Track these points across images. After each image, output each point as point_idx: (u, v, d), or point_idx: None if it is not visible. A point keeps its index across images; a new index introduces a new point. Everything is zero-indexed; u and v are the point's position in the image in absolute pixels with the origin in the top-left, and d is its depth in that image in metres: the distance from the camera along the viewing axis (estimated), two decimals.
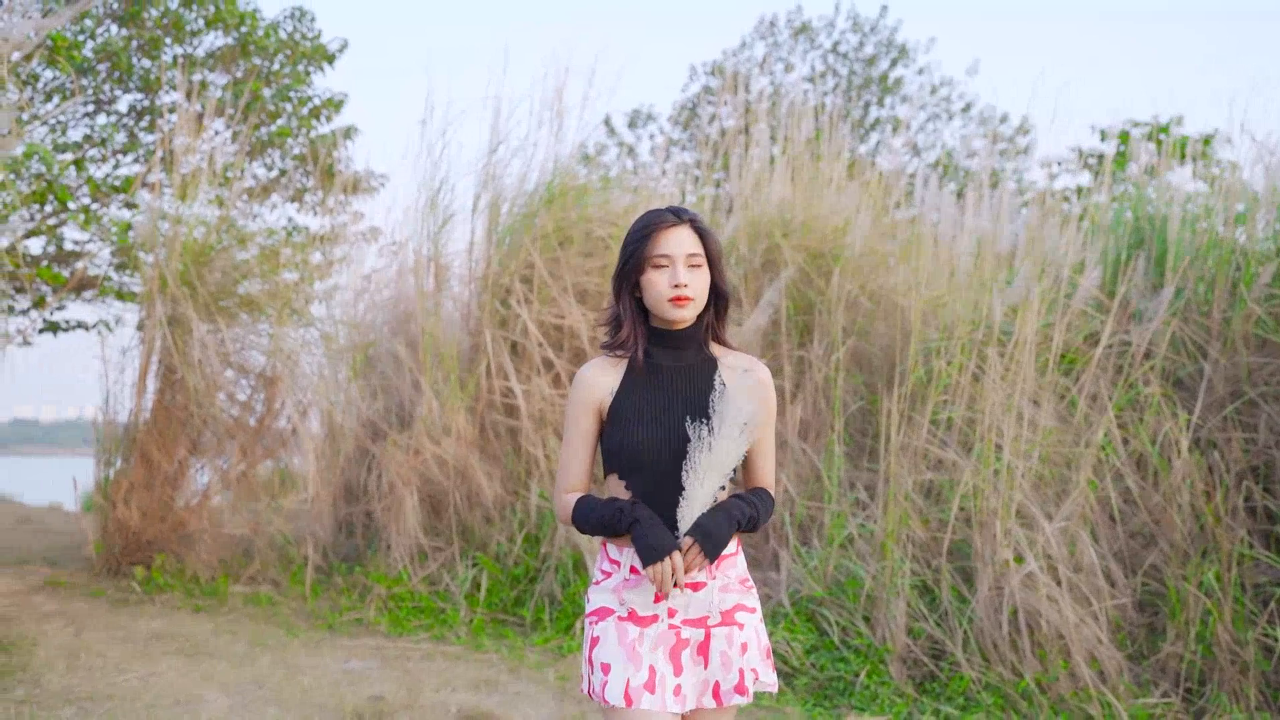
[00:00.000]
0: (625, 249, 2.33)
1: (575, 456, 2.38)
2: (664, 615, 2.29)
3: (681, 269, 2.26)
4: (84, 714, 4.28)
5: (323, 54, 12.45)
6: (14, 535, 9.13)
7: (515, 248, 7.17)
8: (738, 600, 2.33)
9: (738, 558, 2.36)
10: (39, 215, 11.43)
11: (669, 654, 2.28)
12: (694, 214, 2.35)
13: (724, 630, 2.30)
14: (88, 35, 10.81)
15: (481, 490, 6.63)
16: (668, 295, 2.27)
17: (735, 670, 2.28)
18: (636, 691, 2.24)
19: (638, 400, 2.32)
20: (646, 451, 2.28)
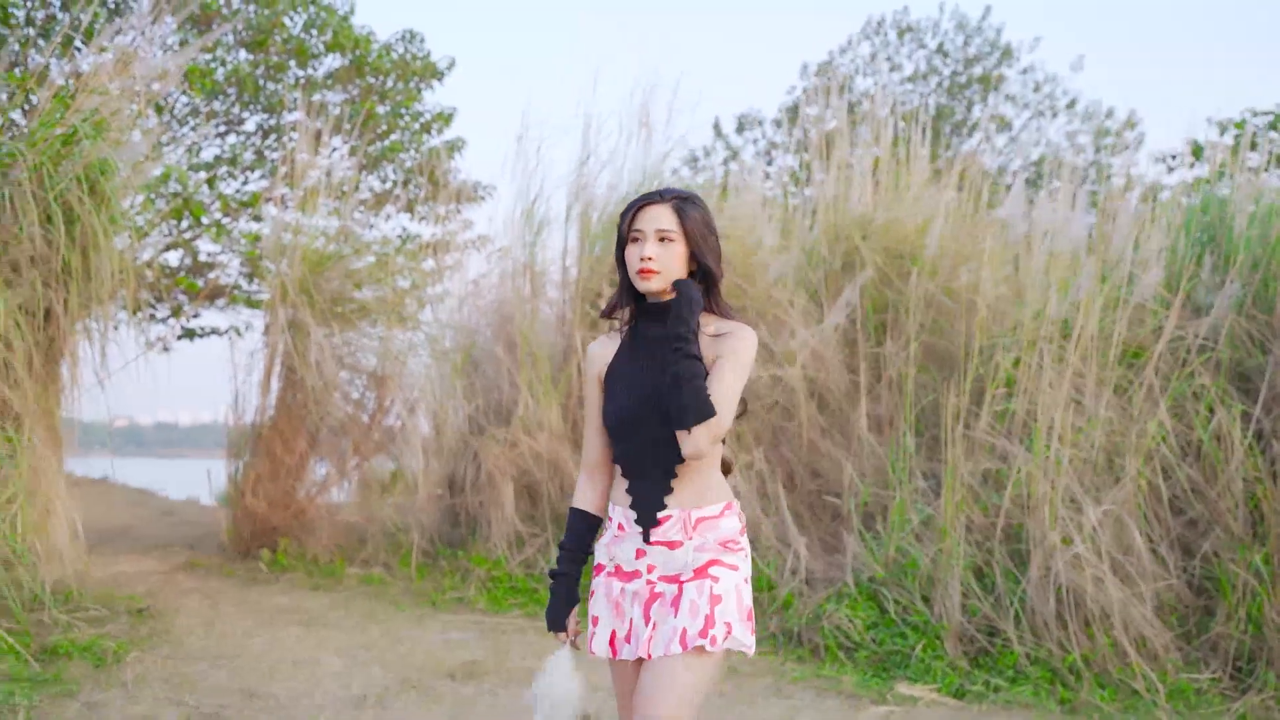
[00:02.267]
0: (618, 227, 2.48)
1: (590, 431, 2.57)
2: (644, 571, 2.43)
3: (649, 243, 2.38)
4: (215, 668, 4.90)
5: (432, 71, 13.15)
6: (158, 525, 10.00)
7: (604, 254, 7.65)
8: (714, 557, 2.40)
9: (720, 520, 2.42)
10: (176, 230, 12.34)
11: (643, 607, 2.41)
12: (682, 194, 2.45)
13: (696, 582, 2.37)
14: (219, 63, 11.62)
15: (572, 480, 7.13)
16: (636, 267, 2.39)
17: (702, 617, 2.34)
18: (619, 643, 2.42)
19: (621, 370, 2.48)
20: (622, 419, 2.44)
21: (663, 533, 2.40)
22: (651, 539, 2.40)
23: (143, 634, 5.44)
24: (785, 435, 7.40)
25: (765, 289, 7.66)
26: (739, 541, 2.45)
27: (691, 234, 2.40)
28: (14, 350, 5.54)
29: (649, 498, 2.41)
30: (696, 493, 2.41)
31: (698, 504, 2.41)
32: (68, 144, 5.84)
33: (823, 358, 7.38)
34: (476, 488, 7.42)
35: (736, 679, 5.14)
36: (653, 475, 2.41)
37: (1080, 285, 6.26)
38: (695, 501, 2.41)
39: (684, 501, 2.41)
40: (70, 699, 4.32)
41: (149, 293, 13.64)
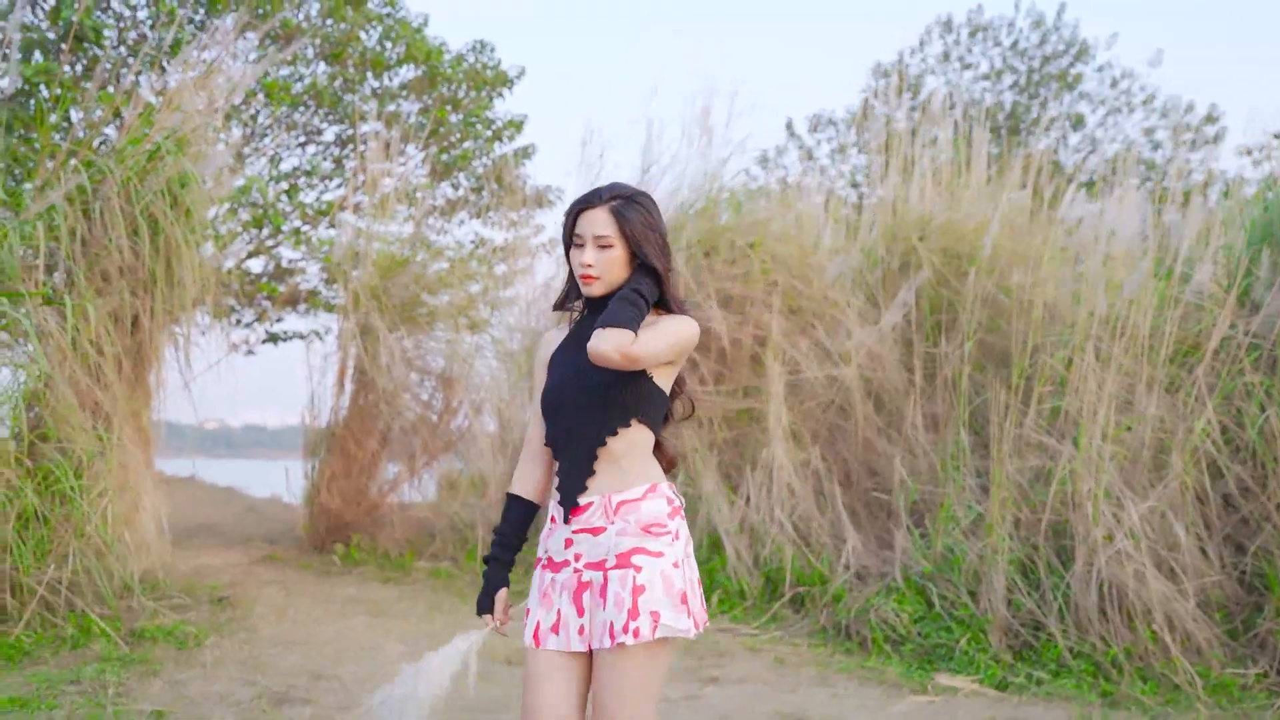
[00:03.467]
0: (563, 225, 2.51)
1: (532, 416, 2.58)
2: (572, 560, 2.41)
3: (589, 250, 2.40)
4: (287, 652, 5.20)
5: (503, 80, 13.46)
6: (242, 521, 10.44)
7: None
8: (636, 544, 2.37)
9: (642, 504, 2.40)
10: (258, 238, 12.81)
11: (573, 597, 2.39)
12: (622, 193, 2.45)
13: (619, 573, 2.35)
14: (296, 78, 12.04)
15: None
16: (578, 273, 2.43)
17: (625, 610, 2.32)
18: (544, 633, 2.39)
19: (560, 356, 2.52)
20: (550, 400, 2.47)
21: (585, 519, 2.39)
22: (575, 526, 2.39)
23: (222, 620, 5.78)
24: (842, 434, 7.54)
25: (822, 290, 7.79)
26: (666, 525, 2.40)
27: (631, 236, 2.40)
28: (105, 355, 5.90)
29: (572, 482, 2.41)
30: (619, 477, 2.40)
31: (619, 488, 2.40)
32: (152, 159, 6.20)
33: (879, 357, 7.50)
34: None
35: (781, 669, 5.31)
36: (576, 458, 2.41)
37: (1133, 283, 6.31)
38: (616, 485, 2.40)
39: (604, 486, 2.40)
40: (154, 677, 4.65)
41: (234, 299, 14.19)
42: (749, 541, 6.78)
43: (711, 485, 6.93)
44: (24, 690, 4.31)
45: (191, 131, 6.46)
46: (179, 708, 4.23)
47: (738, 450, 7.42)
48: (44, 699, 4.21)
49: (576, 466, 2.41)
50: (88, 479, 5.34)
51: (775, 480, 6.91)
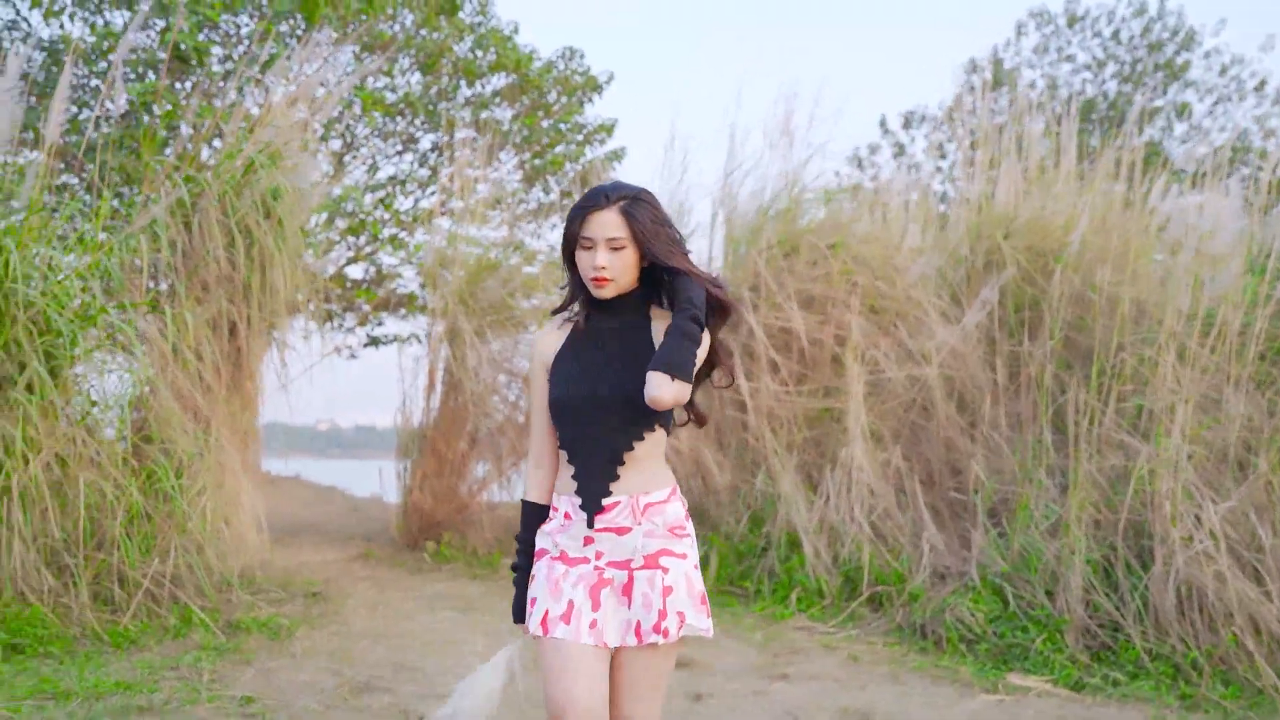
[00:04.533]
0: (565, 227, 2.46)
1: (536, 421, 2.55)
2: (592, 557, 2.41)
3: (601, 252, 2.38)
4: (374, 645, 5.42)
5: (593, 85, 13.65)
6: (343, 520, 10.80)
7: (744, 259, 7.93)
8: (663, 545, 2.40)
9: (667, 505, 2.43)
10: (356, 245, 13.20)
11: (589, 591, 2.39)
12: (631, 193, 2.42)
13: (646, 573, 2.38)
14: (390, 88, 12.38)
15: (713, 477, 7.44)
16: (589, 276, 2.40)
17: (655, 611, 2.35)
18: (553, 621, 2.36)
19: (571, 357, 2.47)
20: (570, 403, 2.42)
21: (610, 519, 2.40)
22: (599, 525, 2.40)
23: (315, 614, 6.04)
24: (924, 433, 7.52)
25: (905, 289, 7.78)
26: (685, 527, 2.46)
27: (640, 236, 2.38)
28: (204, 360, 6.21)
29: (595, 484, 2.41)
30: (644, 479, 2.42)
31: (645, 489, 2.41)
32: (247, 173, 6.50)
33: (961, 356, 7.47)
34: None
35: (853, 667, 5.35)
36: (600, 462, 2.40)
37: (1223, 280, 6.20)
38: (642, 486, 2.41)
39: (631, 487, 2.41)
40: (247, 665, 4.90)
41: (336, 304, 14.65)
42: (828, 540, 6.82)
43: (790, 485, 6.98)
44: (129, 675, 4.59)
45: (283, 145, 6.74)
46: (267, 694, 4.45)
47: (818, 450, 7.46)
48: (145, 683, 4.47)
49: (600, 470, 2.40)
50: (187, 478, 5.64)
51: (854, 480, 6.94)
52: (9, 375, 5.37)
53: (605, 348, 2.45)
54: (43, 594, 5.11)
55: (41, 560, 5.16)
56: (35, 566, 5.11)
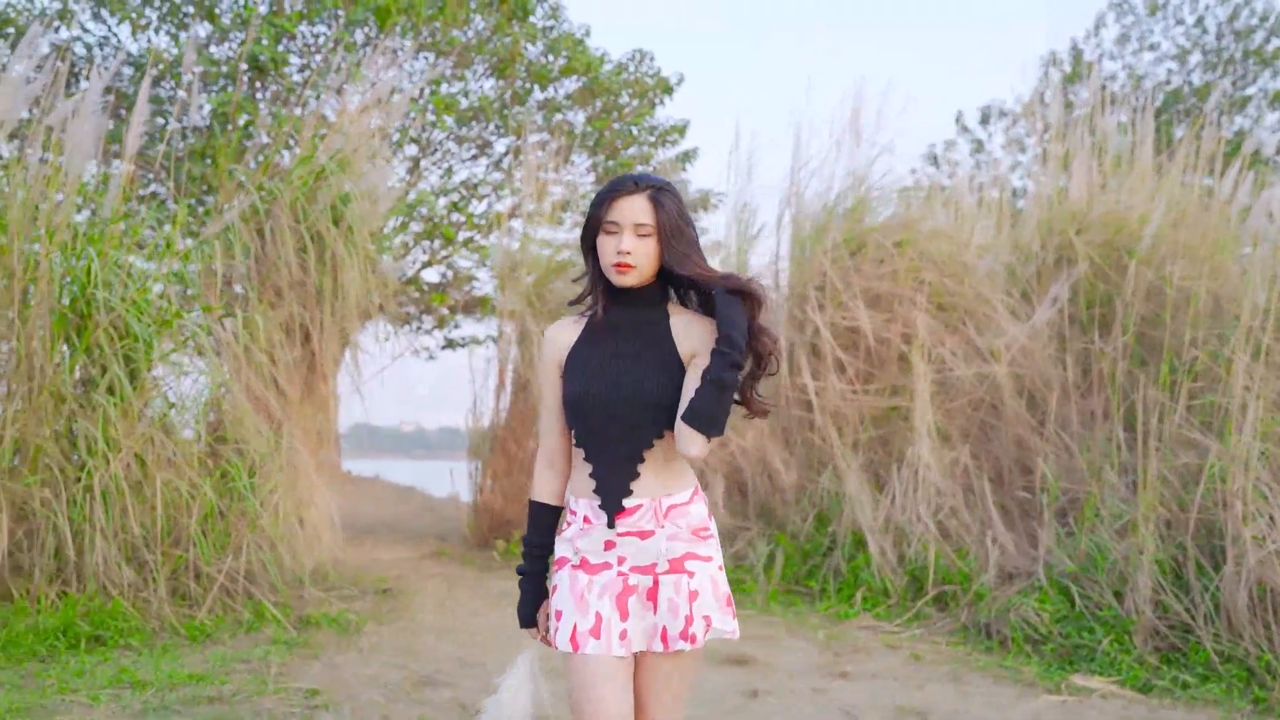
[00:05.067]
0: (588, 213, 2.37)
1: (549, 420, 2.47)
2: (614, 563, 2.32)
3: (627, 237, 2.29)
4: (440, 640, 5.53)
5: (664, 87, 13.70)
6: (418, 519, 11.01)
7: (810, 258, 7.92)
8: (688, 549, 2.32)
9: (690, 507, 2.35)
10: (432, 249, 13.42)
11: (615, 600, 2.30)
12: (658, 183, 2.35)
13: (672, 578, 2.31)
14: (462, 93, 12.57)
15: (779, 476, 7.44)
16: (611, 261, 2.30)
17: (682, 617, 2.28)
18: (582, 637, 2.27)
19: (586, 352, 2.38)
20: (586, 400, 2.33)
21: (633, 522, 2.31)
22: (621, 529, 2.31)
23: (384, 610, 6.18)
24: (994, 432, 7.44)
25: (973, 286, 7.70)
26: (709, 528, 2.38)
27: (665, 227, 2.30)
28: (277, 363, 6.39)
29: (614, 484, 2.32)
30: (665, 479, 2.33)
31: (667, 491, 2.32)
32: (317, 180, 6.67)
33: (1031, 354, 7.38)
34: None
35: (915, 666, 5.33)
36: (618, 460, 2.32)
37: None
38: (665, 489, 2.32)
39: (653, 489, 2.32)
40: (314, 659, 5.03)
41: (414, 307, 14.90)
42: (894, 540, 6.78)
43: (855, 484, 6.96)
44: (201, 666, 4.75)
45: (353, 152, 6.90)
46: (332, 687, 4.58)
47: (885, 449, 7.42)
48: (217, 675, 4.63)
49: (619, 469, 2.31)
50: (260, 478, 5.81)
51: (921, 479, 6.89)
52: (91, 378, 5.58)
53: (623, 342, 2.35)
54: (123, 588, 5.31)
55: (122, 556, 5.36)
56: (116, 562, 5.31)
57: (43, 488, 5.32)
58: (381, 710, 4.30)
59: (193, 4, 11.53)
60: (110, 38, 12.13)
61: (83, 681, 4.48)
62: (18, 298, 5.53)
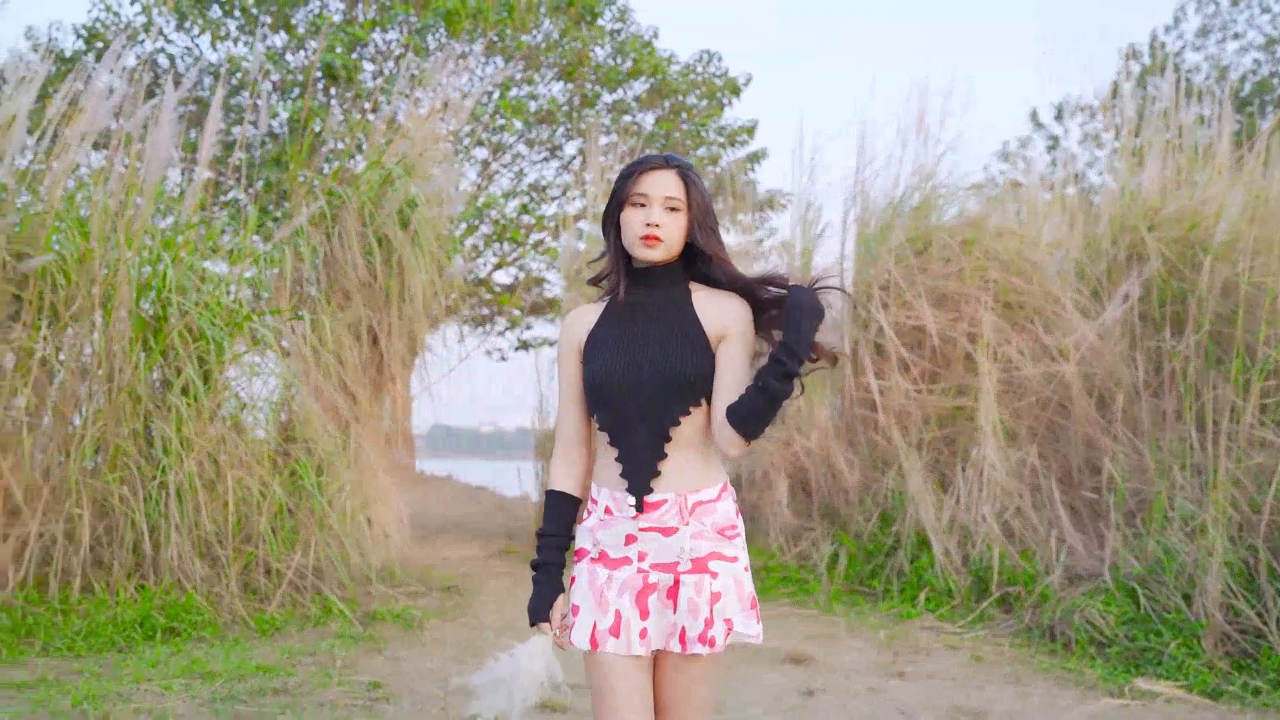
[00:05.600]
0: (613, 188, 2.31)
1: (566, 407, 2.38)
2: (635, 559, 2.24)
3: (656, 209, 2.24)
4: (499, 636, 5.63)
5: (732, 88, 13.71)
6: (490, 518, 11.16)
7: (874, 257, 7.89)
8: (713, 549, 2.23)
9: (718, 504, 2.26)
10: (500, 252, 13.57)
11: (635, 598, 2.22)
12: (686, 163, 2.30)
13: (694, 578, 2.22)
14: (530, 97, 12.70)
15: (843, 475, 7.43)
16: (639, 234, 2.24)
17: (702, 619, 2.20)
18: (602, 635, 2.21)
19: (606, 335, 2.31)
20: (608, 381, 2.25)
21: (656, 518, 2.22)
22: (644, 524, 2.22)
23: (448, 607, 6.29)
24: (1063, 431, 7.34)
25: (1042, 284, 7.60)
26: (736, 526, 2.29)
27: (695, 205, 2.26)
28: (345, 365, 6.54)
29: (641, 466, 2.22)
30: (693, 473, 2.24)
31: (695, 486, 2.24)
32: (384, 185, 6.81)
33: (1100, 353, 7.27)
34: (754, 483, 7.87)
35: (975, 666, 5.29)
36: (640, 445, 2.23)
37: None
38: (692, 483, 2.24)
39: (679, 483, 2.23)
40: (377, 653, 5.15)
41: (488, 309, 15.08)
42: (958, 540, 6.73)
43: (919, 483, 6.92)
44: (269, 659, 4.89)
45: (419, 156, 7.04)
46: (394, 680, 4.69)
47: (950, 449, 7.36)
48: (283, 667, 4.76)
49: (642, 455, 2.22)
50: (327, 477, 5.95)
51: (986, 478, 6.83)
52: (168, 379, 5.78)
53: (644, 322, 2.28)
54: (196, 583, 5.48)
55: (195, 552, 5.54)
56: (190, 557, 5.49)
57: (121, 485, 5.52)
58: (439, 703, 4.39)
59: (270, 14, 11.82)
60: (192, 48, 12.48)
61: (157, 671, 4.65)
62: (99, 302, 5.74)
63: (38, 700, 4.18)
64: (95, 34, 11.57)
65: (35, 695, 4.25)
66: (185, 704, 4.22)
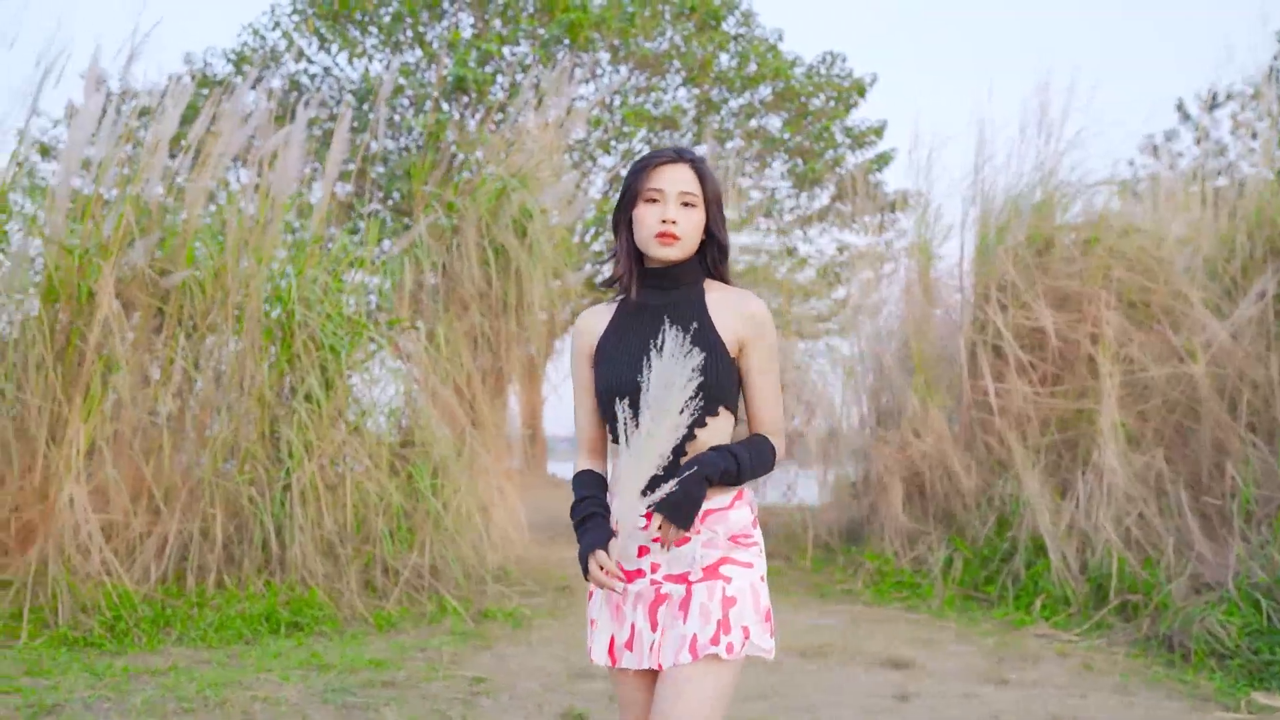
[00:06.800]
0: (623, 184, 2.22)
1: (581, 411, 2.32)
2: (648, 570, 2.17)
3: (672, 205, 2.15)
4: None
5: (858, 89, 13.62)
6: None
7: (993, 258, 7.76)
8: (724, 555, 2.15)
9: (730, 513, 2.17)
10: None
11: (648, 610, 2.16)
12: (698, 155, 2.22)
13: (706, 585, 2.13)
14: (654, 104, 12.86)
15: (960, 480, 7.33)
16: (655, 230, 2.15)
17: (714, 622, 2.09)
18: (619, 650, 2.18)
19: (617, 340, 2.21)
20: (621, 392, 2.15)
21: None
22: (654, 534, 2.14)
23: (560, 606, 6.47)
24: (1193, 435, 7.10)
25: (1170, 283, 7.37)
26: (751, 534, 2.19)
27: (711, 200, 2.20)
28: (463, 372, 6.79)
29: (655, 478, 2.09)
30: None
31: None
32: (499, 196, 7.04)
33: (1233, 352, 7.01)
34: (869, 487, 7.84)
35: (1082, 675, 5.19)
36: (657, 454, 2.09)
37: None
38: None
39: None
40: (486, 650, 5.35)
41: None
42: (1077, 546, 6.58)
43: (1037, 488, 6.79)
44: (382, 653, 5.14)
45: (535, 167, 7.24)
46: (497, 676, 4.87)
47: (1072, 453, 7.20)
48: (395, 662, 5.00)
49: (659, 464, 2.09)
50: (443, 480, 6.19)
51: (1107, 484, 6.66)
52: (292, 387, 6.10)
53: (652, 327, 2.17)
54: (318, 580, 5.77)
55: (318, 550, 5.83)
56: (313, 555, 5.78)
57: (250, 486, 5.85)
58: (537, 699, 4.55)
59: (407, 30, 12.26)
60: (332, 68, 13.04)
61: (277, 662, 4.93)
62: (232, 314, 6.10)
63: (167, 686, 4.49)
64: (243, 58, 12.19)
65: (166, 681, 4.57)
66: (299, 693, 4.48)
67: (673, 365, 2.03)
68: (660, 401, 2.03)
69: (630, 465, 2.05)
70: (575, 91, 11.08)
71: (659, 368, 2.04)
